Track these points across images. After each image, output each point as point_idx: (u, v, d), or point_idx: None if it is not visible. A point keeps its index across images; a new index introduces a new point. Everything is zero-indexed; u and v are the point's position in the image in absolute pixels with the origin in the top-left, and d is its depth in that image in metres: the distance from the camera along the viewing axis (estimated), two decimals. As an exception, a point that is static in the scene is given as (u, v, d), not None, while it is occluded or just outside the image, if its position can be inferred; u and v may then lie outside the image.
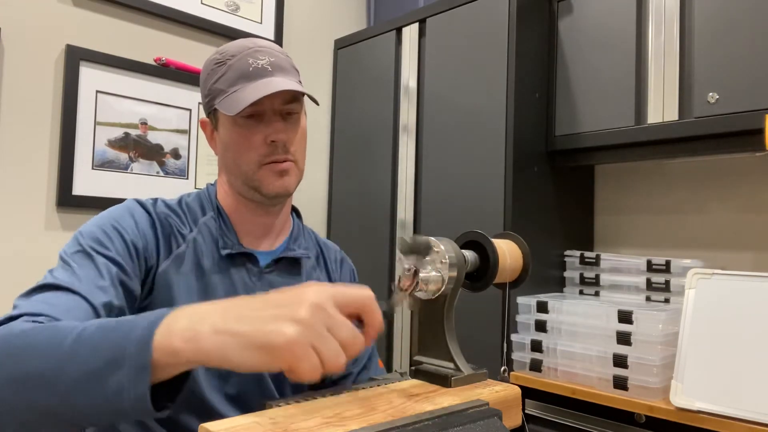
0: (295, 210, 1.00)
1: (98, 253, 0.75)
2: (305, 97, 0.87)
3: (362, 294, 0.56)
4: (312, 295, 0.52)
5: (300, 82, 0.89)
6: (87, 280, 0.71)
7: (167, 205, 0.87)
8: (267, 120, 0.84)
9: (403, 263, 0.64)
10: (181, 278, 0.81)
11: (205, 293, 0.83)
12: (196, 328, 0.51)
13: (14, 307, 0.66)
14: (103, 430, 0.80)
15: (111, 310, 0.71)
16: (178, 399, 0.55)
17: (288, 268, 0.92)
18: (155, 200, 0.87)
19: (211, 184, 0.93)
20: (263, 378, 0.84)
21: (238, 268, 0.86)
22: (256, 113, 0.83)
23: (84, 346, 0.53)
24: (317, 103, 0.89)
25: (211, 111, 0.87)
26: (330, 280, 0.99)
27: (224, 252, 0.85)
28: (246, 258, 0.88)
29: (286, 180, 0.85)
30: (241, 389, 0.83)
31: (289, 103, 0.85)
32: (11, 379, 0.53)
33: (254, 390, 0.84)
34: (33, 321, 0.61)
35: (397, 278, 0.65)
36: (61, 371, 0.52)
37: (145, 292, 0.80)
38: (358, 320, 0.56)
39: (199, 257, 0.84)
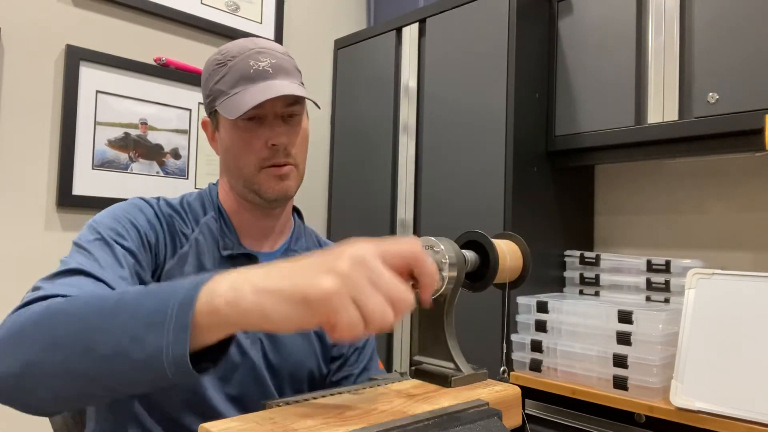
0: (296, 210, 1.00)
1: (116, 242, 0.75)
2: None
3: (410, 247, 0.52)
4: (354, 250, 0.49)
5: (302, 83, 0.88)
6: (109, 267, 0.71)
7: (170, 205, 0.87)
8: (268, 123, 0.83)
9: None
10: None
11: None
12: (238, 288, 0.50)
13: (35, 288, 0.65)
14: (109, 428, 0.80)
15: None
16: (220, 362, 0.54)
17: None
18: (158, 199, 0.87)
19: (213, 184, 0.93)
20: (263, 379, 0.84)
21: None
22: (257, 116, 0.83)
23: (125, 308, 0.52)
24: (318, 107, 0.89)
25: (212, 112, 0.87)
26: None
27: (225, 253, 0.85)
28: (247, 259, 0.87)
29: (286, 184, 0.85)
30: (242, 390, 0.83)
31: (291, 106, 0.84)
32: (51, 344, 0.53)
33: (255, 390, 0.84)
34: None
35: None
36: (101, 334, 0.51)
37: None
38: (411, 278, 0.52)
39: (201, 257, 0.84)
